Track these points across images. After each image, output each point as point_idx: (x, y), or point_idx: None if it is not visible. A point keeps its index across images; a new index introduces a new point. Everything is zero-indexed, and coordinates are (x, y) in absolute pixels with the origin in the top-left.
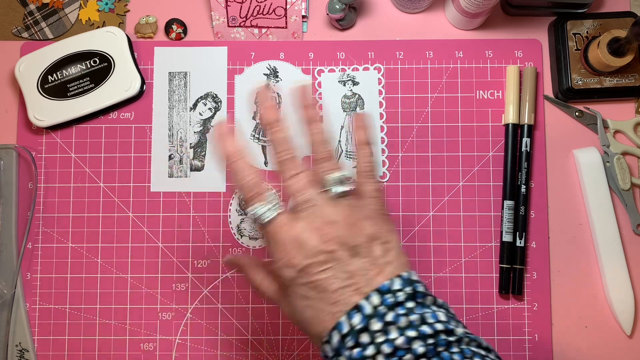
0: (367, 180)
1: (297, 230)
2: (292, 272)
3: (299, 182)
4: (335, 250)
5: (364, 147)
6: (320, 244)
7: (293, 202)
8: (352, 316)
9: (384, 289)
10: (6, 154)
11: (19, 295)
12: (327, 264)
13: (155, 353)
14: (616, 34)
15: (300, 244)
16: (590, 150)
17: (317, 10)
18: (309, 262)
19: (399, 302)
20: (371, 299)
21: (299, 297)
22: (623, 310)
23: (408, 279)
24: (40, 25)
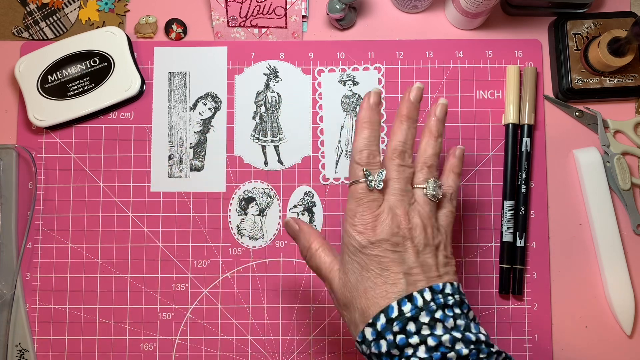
0: (448, 202)
1: (385, 208)
2: (365, 241)
3: (404, 172)
4: (407, 238)
5: (454, 175)
6: (398, 228)
7: (389, 184)
8: (404, 303)
9: (437, 288)
10: (6, 154)
11: (18, 295)
12: (397, 247)
13: (155, 353)
14: (616, 34)
15: (382, 219)
16: (590, 150)
17: (317, 10)
18: (383, 237)
19: (448, 304)
20: (424, 294)
21: (360, 267)
22: (623, 310)
23: (458, 288)
24: (40, 25)
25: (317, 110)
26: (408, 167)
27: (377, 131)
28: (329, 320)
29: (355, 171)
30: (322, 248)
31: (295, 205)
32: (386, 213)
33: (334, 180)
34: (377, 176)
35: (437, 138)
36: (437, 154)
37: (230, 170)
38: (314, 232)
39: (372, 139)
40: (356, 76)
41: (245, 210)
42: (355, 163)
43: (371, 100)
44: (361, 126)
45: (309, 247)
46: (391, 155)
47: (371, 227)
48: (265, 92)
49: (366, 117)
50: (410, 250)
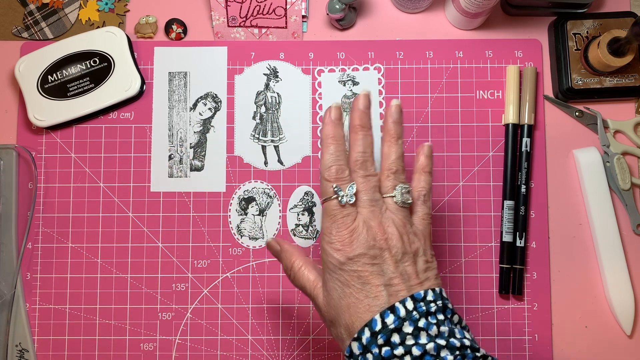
0: (422, 205)
1: (359, 222)
2: (343, 257)
3: (369, 183)
4: (385, 249)
5: (424, 174)
6: (374, 241)
7: (358, 197)
8: (386, 315)
9: (419, 297)
10: (6, 154)
11: (19, 295)
12: (376, 260)
13: (155, 353)
14: (616, 34)
15: (358, 234)
16: (590, 150)
17: (317, 10)
18: (361, 252)
19: (431, 312)
20: (406, 304)
21: (341, 284)
22: (623, 310)
23: (440, 294)
24: (40, 25)
25: (317, 110)
26: (373, 176)
27: (343, 145)
28: None
29: (325, 188)
30: (304, 266)
31: (295, 205)
32: (361, 227)
33: None
34: (347, 191)
35: (397, 140)
36: (401, 157)
37: (230, 170)
38: (296, 250)
39: (338, 154)
40: (356, 76)
41: (245, 210)
42: (325, 180)
43: (332, 116)
44: (326, 142)
45: (291, 266)
46: (354, 167)
47: (348, 243)
48: (265, 92)
49: (330, 133)
50: (389, 260)
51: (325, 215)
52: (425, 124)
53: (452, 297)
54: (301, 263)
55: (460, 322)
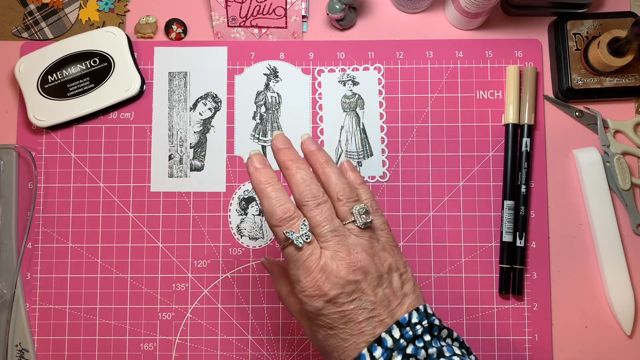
0: (375, 215)
1: (325, 260)
2: (320, 303)
3: (323, 213)
4: (361, 280)
5: (361, 186)
6: (348, 274)
7: (317, 232)
8: (374, 349)
9: (404, 322)
10: (6, 154)
11: (19, 295)
12: (354, 294)
13: (155, 353)
14: (616, 34)
15: (328, 273)
16: (590, 150)
17: (317, 10)
18: (337, 292)
19: (417, 335)
20: (392, 332)
21: (323, 326)
22: (623, 310)
23: (424, 311)
24: (40, 25)
25: (317, 110)
26: (324, 203)
27: (278, 184)
28: None
29: (277, 235)
30: (290, 293)
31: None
32: (329, 263)
33: None
34: (301, 230)
35: (327, 163)
36: (340, 175)
37: (230, 170)
38: (283, 275)
39: (277, 195)
40: (356, 76)
41: (245, 210)
42: (273, 227)
43: (256, 164)
44: (260, 189)
45: (278, 293)
46: (301, 201)
47: (320, 286)
48: (265, 92)
49: (260, 179)
50: (367, 290)
51: (289, 263)
52: (425, 124)
53: (452, 297)
54: (286, 290)
55: (451, 335)
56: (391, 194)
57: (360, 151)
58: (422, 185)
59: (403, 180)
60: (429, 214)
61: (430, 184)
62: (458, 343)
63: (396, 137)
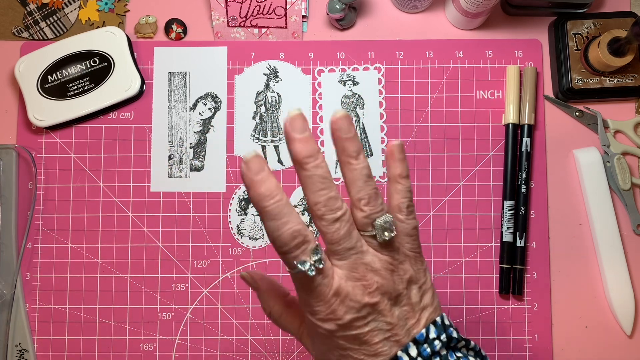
0: (406, 218)
1: (339, 282)
2: (333, 326)
3: (341, 230)
4: (378, 302)
5: (403, 180)
6: (364, 296)
7: (332, 249)
8: None
9: (421, 338)
10: (6, 154)
11: (18, 296)
12: (369, 317)
13: (155, 353)
14: (616, 34)
15: (343, 297)
16: (590, 150)
17: (317, 10)
18: (352, 317)
19: (435, 351)
20: (409, 351)
21: (336, 347)
22: (623, 310)
23: (441, 324)
24: (40, 25)
25: (317, 110)
26: (342, 216)
27: (283, 198)
28: None
29: (286, 261)
30: (284, 314)
31: (295, 206)
32: (344, 285)
33: None
34: (313, 257)
35: (357, 157)
36: (369, 177)
37: (230, 170)
38: (272, 292)
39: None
40: (356, 76)
41: (245, 210)
42: (282, 254)
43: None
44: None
45: (269, 313)
46: (317, 213)
47: (335, 310)
48: (265, 92)
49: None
50: (385, 311)
51: (298, 288)
52: (425, 124)
53: (452, 297)
54: (279, 310)
55: (468, 345)
56: None
57: None
58: (422, 185)
59: None
60: (429, 214)
61: (430, 184)
62: (474, 352)
63: (396, 137)
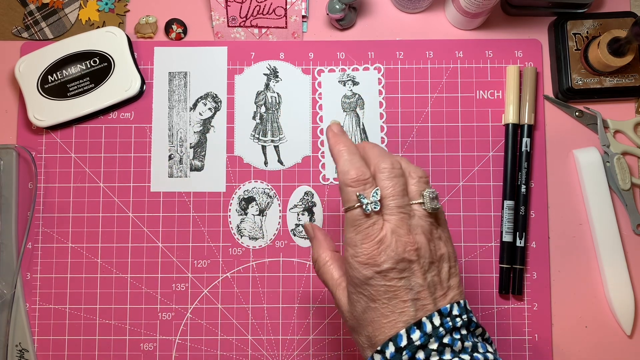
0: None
1: (385, 232)
2: (370, 272)
3: (397, 186)
4: (414, 260)
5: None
6: (404, 252)
7: (385, 203)
8: (413, 331)
9: (445, 311)
10: (6, 154)
11: (19, 295)
12: (404, 272)
13: (155, 353)
14: (616, 34)
15: (386, 245)
16: (590, 150)
17: (317, 10)
18: (389, 266)
19: (456, 327)
20: (433, 319)
21: (366, 298)
22: (623, 310)
23: (464, 307)
24: (40, 25)
25: (317, 110)
26: (400, 177)
27: (356, 150)
28: (329, 320)
29: (347, 196)
30: (330, 261)
31: (295, 205)
32: (389, 237)
33: (334, 180)
34: (372, 197)
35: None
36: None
37: (230, 170)
38: (325, 242)
39: (353, 158)
40: (356, 76)
41: (245, 210)
42: (345, 186)
43: (335, 129)
44: (336, 151)
45: (317, 259)
46: (379, 167)
47: (375, 255)
48: (265, 92)
49: (338, 141)
50: (418, 272)
51: (349, 225)
52: (425, 124)
53: None
54: (327, 258)
55: (483, 335)
56: None
57: None
58: None
59: None
60: None
61: (430, 184)
62: (488, 343)
63: (396, 137)
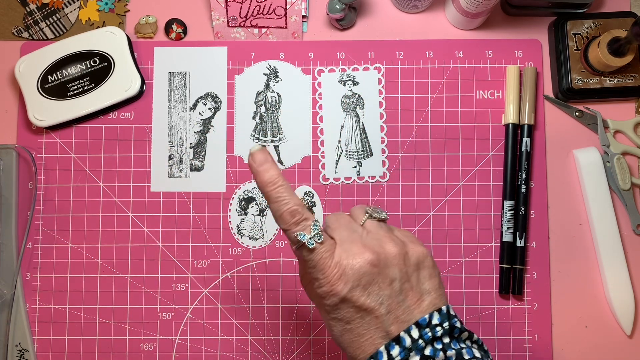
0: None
1: (339, 256)
2: (336, 299)
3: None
4: (376, 273)
5: None
6: (363, 266)
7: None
8: (392, 347)
9: (424, 322)
10: (6, 154)
11: (19, 295)
12: (369, 287)
13: (155, 353)
14: (616, 34)
15: (343, 268)
16: (590, 150)
17: (317, 10)
18: (352, 285)
19: (437, 337)
20: (411, 332)
21: (339, 321)
22: (623, 310)
23: (446, 313)
24: (40, 25)
25: (317, 110)
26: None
27: (284, 183)
28: None
29: (289, 237)
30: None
31: None
32: (345, 259)
33: (333, 180)
34: (312, 231)
35: None
36: None
37: (230, 170)
38: None
39: (282, 198)
40: (356, 76)
41: (245, 210)
42: (284, 230)
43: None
44: (265, 193)
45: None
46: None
47: (336, 281)
48: (265, 92)
49: (265, 179)
50: (382, 284)
51: (302, 263)
52: (425, 124)
53: (452, 297)
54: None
55: (471, 337)
56: (391, 194)
57: (360, 151)
58: (422, 185)
59: (403, 180)
60: (429, 214)
61: (430, 184)
62: (477, 345)
63: (396, 137)
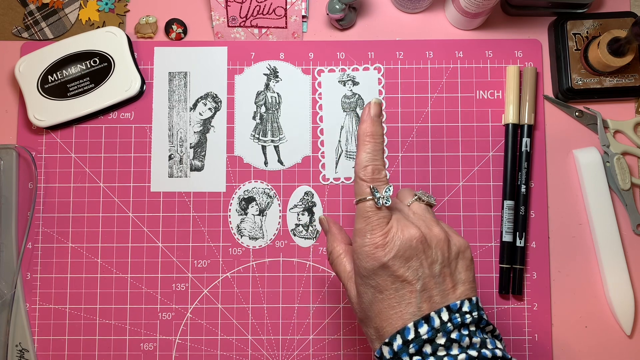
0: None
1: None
2: (377, 262)
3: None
4: (420, 250)
5: None
6: (411, 241)
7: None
8: (420, 325)
9: (454, 307)
10: (6, 154)
11: (19, 295)
12: (411, 262)
13: (155, 353)
14: (616, 34)
15: (392, 236)
16: (590, 150)
17: (317, 10)
18: (395, 254)
19: (465, 323)
20: (441, 314)
21: (373, 289)
22: (623, 310)
23: (476, 304)
24: (40, 25)
25: (317, 110)
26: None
27: (381, 144)
28: (329, 320)
29: (361, 188)
30: (344, 254)
31: (295, 205)
32: (395, 228)
33: (334, 180)
34: (384, 192)
35: None
36: None
37: (230, 170)
38: (340, 235)
39: (375, 153)
40: (356, 76)
41: (245, 210)
42: (360, 180)
43: (372, 112)
44: (363, 140)
45: (331, 251)
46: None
47: (382, 246)
48: (265, 92)
49: (368, 130)
50: (424, 262)
51: (359, 217)
52: (425, 124)
53: None
54: (341, 250)
55: (494, 332)
56: None
57: None
58: (422, 185)
59: (403, 180)
60: None
61: (430, 184)
62: (498, 340)
63: (396, 137)
